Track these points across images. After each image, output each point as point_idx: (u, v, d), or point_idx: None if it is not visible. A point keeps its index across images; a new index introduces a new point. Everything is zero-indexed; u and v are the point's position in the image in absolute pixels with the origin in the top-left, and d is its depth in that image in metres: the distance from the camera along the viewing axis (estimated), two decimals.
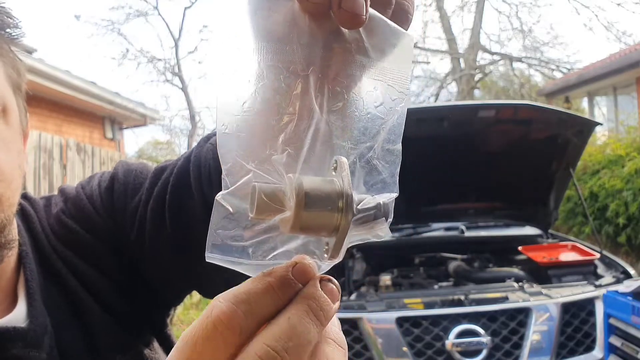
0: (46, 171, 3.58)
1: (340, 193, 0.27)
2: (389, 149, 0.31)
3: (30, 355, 0.54)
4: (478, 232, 3.50)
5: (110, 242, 0.66)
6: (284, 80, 0.29)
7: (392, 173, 0.32)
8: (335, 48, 0.29)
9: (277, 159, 0.29)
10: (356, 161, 0.30)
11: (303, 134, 0.29)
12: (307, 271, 0.29)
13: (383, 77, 0.31)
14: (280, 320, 0.27)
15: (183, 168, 0.62)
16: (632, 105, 9.46)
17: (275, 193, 0.28)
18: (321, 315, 0.28)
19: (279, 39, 0.28)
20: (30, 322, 0.56)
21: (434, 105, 6.47)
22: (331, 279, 0.30)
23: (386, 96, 0.31)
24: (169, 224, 0.61)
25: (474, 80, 13.77)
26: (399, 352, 2.20)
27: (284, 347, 0.26)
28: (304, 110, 0.29)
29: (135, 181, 0.67)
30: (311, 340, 0.27)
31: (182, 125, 12.87)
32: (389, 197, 0.30)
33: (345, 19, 0.27)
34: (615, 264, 2.84)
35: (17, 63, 0.59)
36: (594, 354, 2.25)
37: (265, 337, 0.26)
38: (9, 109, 0.56)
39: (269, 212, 0.28)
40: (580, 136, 2.93)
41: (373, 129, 0.31)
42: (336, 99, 0.30)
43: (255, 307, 0.27)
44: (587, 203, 6.17)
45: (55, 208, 0.67)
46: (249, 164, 0.29)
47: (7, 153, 0.54)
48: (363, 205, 0.29)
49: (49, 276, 0.62)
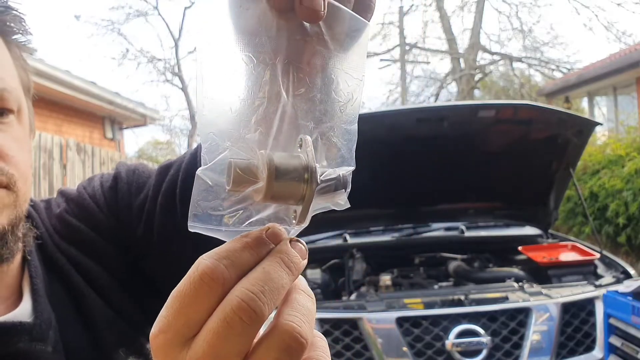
0: (46, 171, 3.59)
1: (305, 166, 0.31)
2: (347, 129, 0.36)
3: (36, 349, 0.56)
4: (478, 232, 3.50)
5: (114, 240, 0.68)
6: (255, 68, 0.33)
7: (350, 149, 0.36)
8: (299, 40, 0.33)
9: (251, 137, 0.33)
10: (318, 139, 0.34)
11: (272, 115, 0.33)
12: (278, 234, 0.33)
13: (341, 65, 0.35)
14: (257, 269, 0.31)
15: (192, 163, 0.65)
16: (632, 105, 9.47)
17: (249, 167, 0.32)
18: (292, 267, 0.32)
19: (250, 32, 0.32)
20: (35, 317, 0.58)
21: (434, 105, 6.47)
22: (300, 240, 0.35)
23: (344, 82, 0.35)
24: (180, 216, 0.64)
25: (474, 80, 13.78)
26: (399, 352, 2.20)
27: (260, 289, 0.30)
28: (272, 94, 0.33)
29: (139, 180, 0.70)
30: (284, 285, 0.31)
31: (182, 125, 12.90)
32: (347, 169, 0.35)
33: (305, 14, 0.31)
34: (615, 264, 2.84)
35: (27, 67, 0.63)
36: (594, 354, 2.25)
37: (243, 282, 0.30)
38: (22, 111, 0.60)
39: (244, 184, 0.31)
40: (580, 136, 2.93)
41: (332, 111, 0.35)
42: (300, 84, 0.34)
43: (236, 261, 0.31)
44: (587, 203, 6.17)
45: (57, 208, 0.69)
46: (225, 143, 0.33)
47: (22, 151, 0.59)
48: (325, 176, 0.33)
49: (53, 273, 0.64)
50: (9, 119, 0.58)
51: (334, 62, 0.34)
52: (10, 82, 0.57)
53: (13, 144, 0.57)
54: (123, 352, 0.64)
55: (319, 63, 0.34)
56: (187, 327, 0.30)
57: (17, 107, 0.58)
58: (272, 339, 0.30)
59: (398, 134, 2.87)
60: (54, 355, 0.57)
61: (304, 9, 0.31)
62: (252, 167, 0.31)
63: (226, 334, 0.29)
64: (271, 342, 0.30)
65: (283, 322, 0.31)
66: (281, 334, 0.30)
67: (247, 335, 0.29)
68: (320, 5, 0.31)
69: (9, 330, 0.55)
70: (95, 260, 0.66)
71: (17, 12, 0.58)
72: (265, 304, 0.30)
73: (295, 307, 0.32)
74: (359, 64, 0.35)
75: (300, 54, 0.34)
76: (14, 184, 0.56)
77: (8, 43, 0.59)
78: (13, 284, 0.61)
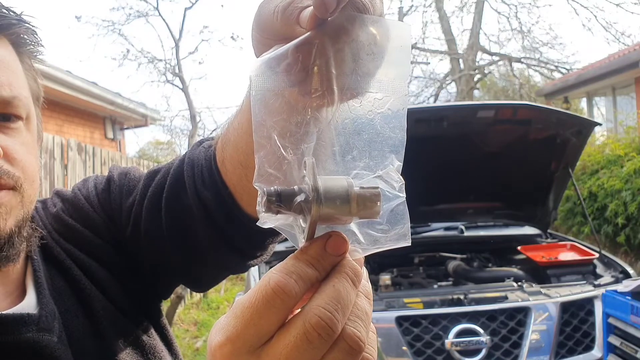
0: (47, 171, 3.59)
1: (312, 187, 0.33)
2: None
3: (43, 339, 0.59)
4: (477, 231, 3.51)
5: (108, 238, 0.72)
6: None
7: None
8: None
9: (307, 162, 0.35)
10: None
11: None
12: (339, 246, 0.35)
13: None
14: (328, 286, 0.34)
15: (179, 169, 0.67)
16: (630, 105, 9.48)
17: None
18: (355, 280, 0.35)
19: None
20: (41, 309, 0.61)
21: (434, 106, 6.48)
22: (357, 249, 0.37)
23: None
24: (165, 220, 0.67)
25: (474, 81, 13.78)
26: (398, 352, 2.21)
27: (334, 308, 0.32)
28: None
29: (130, 183, 0.73)
30: (352, 300, 0.34)
31: (183, 126, 12.85)
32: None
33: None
34: (614, 263, 2.85)
35: (37, 77, 0.67)
36: (593, 353, 2.26)
37: (319, 301, 0.33)
38: (31, 118, 0.64)
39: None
40: (579, 136, 2.94)
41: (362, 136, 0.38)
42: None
43: (304, 276, 0.33)
44: (586, 203, 6.18)
45: (53, 208, 0.73)
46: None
47: (30, 156, 0.62)
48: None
49: (54, 267, 0.68)
50: (17, 124, 0.61)
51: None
52: (20, 90, 0.61)
53: (21, 148, 0.61)
54: (122, 342, 0.67)
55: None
56: (257, 337, 0.33)
57: (26, 114, 0.62)
58: (339, 345, 0.33)
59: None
60: (59, 345, 0.60)
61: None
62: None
63: (305, 347, 0.32)
64: (339, 347, 0.33)
65: (347, 330, 0.33)
66: (346, 340, 0.33)
67: (321, 348, 0.32)
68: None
69: (17, 322, 0.58)
70: (92, 257, 0.70)
71: (29, 25, 0.62)
72: (340, 322, 0.33)
73: (356, 313, 0.34)
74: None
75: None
76: (20, 186, 0.59)
77: (20, 54, 0.63)
78: (17, 280, 0.65)
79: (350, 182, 0.34)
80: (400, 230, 0.37)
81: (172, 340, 0.77)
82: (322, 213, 0.33)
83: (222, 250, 0.66)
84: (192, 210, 0.64)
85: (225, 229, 0.64)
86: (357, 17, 0.35)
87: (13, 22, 0.61)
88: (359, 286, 0.35)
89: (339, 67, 0.36)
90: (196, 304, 6.32)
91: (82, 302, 0.67)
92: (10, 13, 0.61)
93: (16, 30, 0.61)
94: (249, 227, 0.62)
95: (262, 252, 0.70)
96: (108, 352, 0.65)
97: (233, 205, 0.62)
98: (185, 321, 5.63)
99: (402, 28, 0.37)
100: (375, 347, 0.37)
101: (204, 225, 0.64)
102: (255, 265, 0.73)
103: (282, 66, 0.36)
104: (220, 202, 0.62)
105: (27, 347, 0.58)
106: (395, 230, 0.37)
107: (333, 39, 0.35)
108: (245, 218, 0.62)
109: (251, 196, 0.59)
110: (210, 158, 0.64)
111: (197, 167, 0.65)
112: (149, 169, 0.74)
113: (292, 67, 0.36)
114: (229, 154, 0.60)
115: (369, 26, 0.35)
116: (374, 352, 0.36)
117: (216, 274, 0.76)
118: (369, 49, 0.36)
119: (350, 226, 0.36)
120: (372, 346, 0.36)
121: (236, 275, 1.04)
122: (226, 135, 0.60)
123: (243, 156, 0.57)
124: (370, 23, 0.35)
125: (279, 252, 2.59)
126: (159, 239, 0.68)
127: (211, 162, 0.63)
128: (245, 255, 0.68)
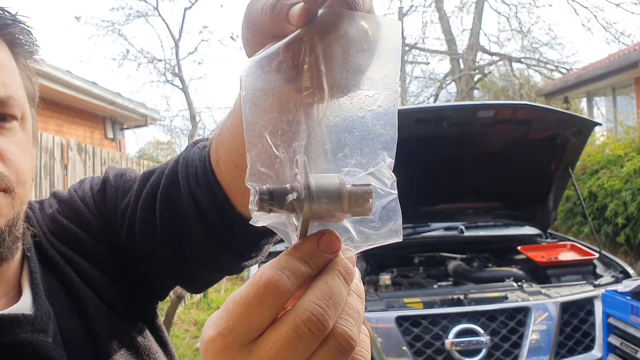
0: (47, 171, 3.59)
1: (303, 185, 0.33)
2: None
3: (38, 339, 0.59)
4: (477, 231, 3.52)
5: (104, 240, 0.71)
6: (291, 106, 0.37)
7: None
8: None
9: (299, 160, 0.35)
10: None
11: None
12: (332, 244, 0.35)
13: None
14: (320, 283, 0.34)
15: (173, 169, 0.67)
16: (630, 105, 9.48)
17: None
18: (347, 278, 0.35)
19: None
20: (36, 310, 0.61)
21: (434, 106, 6.48)
22: (349, 248, 0.37)
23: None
24: (159, 221, 0.66)
25: (473, 81, 13.78)
26: (398, 352, 2.21)
27: (326, 304, 0.33)
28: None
29: (125, 184, 0.73)
30: (344, 297, 0.34)
31: (183, 126, 12.84)
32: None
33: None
34: (614, 263, 2.85)
35: (33, 77, 0.67)
36: (593, 353, 2.26)
37: (311, 297, 0.33)
38: (26, 118, 0.63)
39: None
40: (579, 136, 2.94)
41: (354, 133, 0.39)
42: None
43: (296, 272, 0.33)
44: (586, 203, 6.18)
45: (49, 209, 0.73)
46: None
47: (24, 156, 0.62)
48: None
49: (48, 268, 0.67)
50: (12, 124, 0.61)
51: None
52: (15, 90, 0.61)
53: (15, 148, 0.60)
54: (116, 344, 0.67)
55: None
56: (248, 332, 0.33)
57: (21, 114, 0.62)
58: (330, 342, 0.33)
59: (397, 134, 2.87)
60: (54, 346, 0.60)
61: None
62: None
63: (295, 342, 0.32)
64: (329, 345, 0.33)
65: (338, 328, 0.33)
66: (337, 338, 0.33)
67: (312, 344, 0.32)
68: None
69: (12, 322, 0.58)
70: (86, 258, 0.70)
71: (24, 25, 0.62)
72: (331, 318, 0.33)
73: (347, 311, 0.34)
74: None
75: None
76: (11, 187, 0.59)
77: (16, 54, 0.63)
78: (13, 280, 0.65)
79: (342, 179, 0.34)
80: (392, 227, 0.37)
81: (167, 341, 0.77)
82: (315, 211, 0.33)
83: (216, 251, 0.66)
84: (187, 210, 0.64)
85: (220, 230, 0.64)
86: (346, 13, 0.35)
87: (8, 22, 0.61)
88: (351, 284, 0.36)
89: (329, 63, 0.35)
90: (196, 304, 6.33)
91: (76, 304, 0.66)
92: (5, 13, 0.61)
93: (11, 30, 0.61)
94: (244, 228, 0.62)
95: (257, 253, 0.70)
96: (102, 353, 0.65)
97: (227, 206, 0.62)
98: (185, 321, 5.63)
99: (392, 24, 0.36)
100: (368, 350, 0.36)
101: (198, 225, 0.64)
102: (250, 266, 0.72)
103: (272, 64, 0.36)
104: (214, 203, 0.62)
105: (22, 348, 0.58)
106: (387, 227, 0.37)
107: (322, 36, 0.35)
108: (239, 218, 0.62)
109: (245, 196, 0.59)
110: (205, 158, 0.63)
111: (192, 167, 0.65)
112: (144, 170, 0.74)
113: (283, 65, 0.36)
114: (223, 154, 0.60)
115: (359, 22, 0.35)
116: (367, 355, 0.36)
117: (211, 275, 0.76)
118: (360, 45, 0.35)
119: (344, 223, 0.36)
120: (365, 348, 0.36)
121: (236, 275, 1.05)
122: (220, 136, 0.60)
123: (236, 156, 0.57)
124: (360, 19, 0.35)
125: (275, 253, 2.59)
126: (154, 240, 0.67)
127: (205, 163, 0.63)
128: (240, 255, 0.68)
